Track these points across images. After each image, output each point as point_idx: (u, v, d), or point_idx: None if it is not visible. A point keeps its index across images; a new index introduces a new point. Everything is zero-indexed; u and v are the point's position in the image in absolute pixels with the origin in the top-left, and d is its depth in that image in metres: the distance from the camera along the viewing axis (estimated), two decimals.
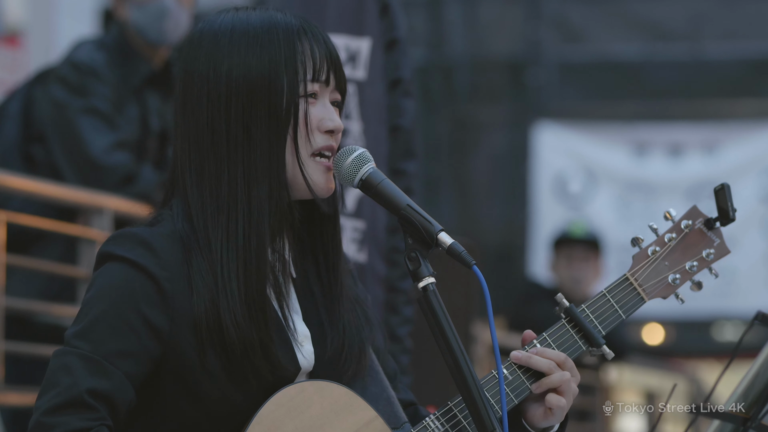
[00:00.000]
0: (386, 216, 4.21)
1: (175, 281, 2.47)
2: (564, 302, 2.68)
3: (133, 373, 2.43)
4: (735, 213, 2.79)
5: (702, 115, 12.85)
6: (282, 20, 2.58)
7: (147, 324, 2.45)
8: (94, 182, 5.35)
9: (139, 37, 5.58)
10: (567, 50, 13.38)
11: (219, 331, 2.45)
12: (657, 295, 2.76)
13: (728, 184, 2.80)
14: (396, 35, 4.30)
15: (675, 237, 2.80)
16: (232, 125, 2.52)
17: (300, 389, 2.49)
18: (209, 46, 2.56)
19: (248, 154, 2.51)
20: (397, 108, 4.29)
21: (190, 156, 2.55)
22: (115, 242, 2.51)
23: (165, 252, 2.48)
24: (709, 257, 2.81)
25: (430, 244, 2.46)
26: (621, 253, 11.51)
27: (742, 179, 12.25)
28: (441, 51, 13.24)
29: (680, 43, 13.08)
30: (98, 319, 2.44)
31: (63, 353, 2.45)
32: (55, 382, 2.41)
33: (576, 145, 12.77)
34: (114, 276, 2.48)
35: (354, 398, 2.54)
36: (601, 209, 12.53)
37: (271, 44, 2.54)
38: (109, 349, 2.42)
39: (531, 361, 2.60)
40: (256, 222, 2.50)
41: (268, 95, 2.52)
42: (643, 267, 2.77)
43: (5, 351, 4.98)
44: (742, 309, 11.68)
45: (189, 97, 2.56)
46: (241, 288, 2.47)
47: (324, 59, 2.57)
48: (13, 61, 8.64)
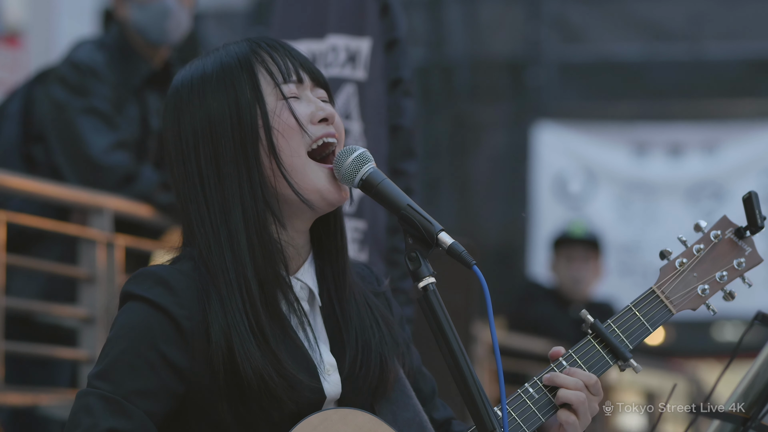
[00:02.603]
0: (386, 216, 4.21)
1: (194, 319, 2.49)
2: (589, 318, 2.68)
3: (154, 411, 2.46)
4: (764, 221, 2.76)
5: (702, 115, 12.84)
6: (234, 50, 2.61)
7: (166, 361, 2.47)
8: (94, 182, 5.35)
9: (140, 36, 5.58)
10: (567, 50, 13.37)
11: (233, 365, 2.47)
12: (685, 307, 2.75)
13: (755, 192, 2.76)
14: (396, 35, 4.30)
15: (704, 248, 2.78)
16: (203, 170, 2.57)
17: (324, 417, 2.49)
18: (174, 105, 2.62)
19: (222, 189, 2.55)
20: (397, 108, 4.29)
21: (185, 207, 2.60)
22: (135, 282, 2.54)
23: (183, 290, 2.51)
24: (741, 266, 2.80)
25: (431, 244, 2.47)
26: (621, 253, 11.51)
27: (742, 179, 12.25)
28: (441, 51, 13.23)
29: (680, 43, 13.07)
30: (117, 359, 2.47)
31: (84, 394, 2.47)
32: (77, 424, 2.44)
33: (576, 145, 12.76)
34: (133, 316, 2.51)
35: (378, 425, 2.53)
36: (601, 209, 12.52)
37: (227, 75, 2.58)
38: (128, 389, 2.45)
39: (557, 380, 2.62)
40: (239, 252, 2.53)
41: (231, 127, 2.56)
42: (670, 279, 2.76)
43: (5, 351, 4.98)
44: (742, 309, 11.66)
45: (170, 157, 2.63)
46: (247, 321, 2.49)
47: (287, 61, 2.60)
48: (13, 61, 8.64)
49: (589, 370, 2.66)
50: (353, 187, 2.55)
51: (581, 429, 2.63)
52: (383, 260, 4.24)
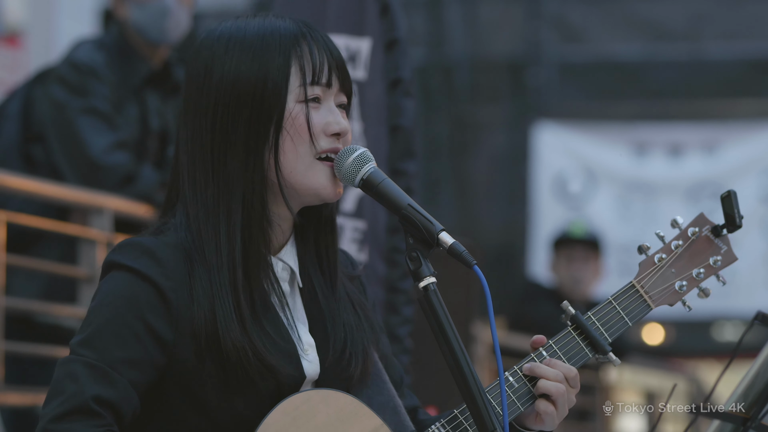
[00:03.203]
0: (386, 216, 4.21)
1: (179, 291, 2.48)
2: (570, 309, 2.69)
3: (137, 381, 2.45)
4: (742, 219, 2.78)
5: (702, 115, 12.84)
6: (280, 27, 2.58)
7: (151, 333, 2.46)
8: (94, 182, 5.35)
9: (140, 36, 5.58)
10: (567, 50, 13.37)
11: (216, 339, 2.47)
12: (664, 302, 2.77)
13: (734, 191, 2.79)
14: (396, 35, 4.30)
15: (682, 244, 2.79)
16: (216, 134, 2.54)
17: (306, 398, 2.49)
18: (206, 56, 2.58)
19: (228, 163, 2.54)
20: (397, 108, 4.29)
21: (187, 164, 2.57)
22: (121, 252, 2.52)
23: (170, 262, 2.49)
24: (717, 264, 2.81)
25: (431, 243, 2.46)
26: (621, 253, 11.51)
27: (742, 179, 12.25)
28: (441, 51, 13.24)
29: (680, 43, 13.08)
30: (103, 327, 2.46)
31: (68, 361, 2.45)
32: (60, 390, 2.42)
33: (576, 145, 12.76)
34: (119, 285, 2.49)
35: (359, 406, 2.54)
36: (601, 209, 12.52)
37: (264, 52, 2.54)
38: (114, 357, 2.43)
39: (538, 371, 2.62)
40: (233, 231, 2.52)
41: (252, 102, 2.53)
42: (649, 274, 2.77)
43: (5, 351, 4.98)
44: (742, 309, 11.68)
45: (188, 106, 2.59)
46: (232, 296, 2.49)
47: (324, 62, 2.57)
48: (13, 61, 8.64)
49: (568, 362, 2.66)
50: (354, 186, 2.55)
51: (558, 420, 2.64)
52: (383, 260, 4.24)
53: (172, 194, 2.63)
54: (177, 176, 2.61)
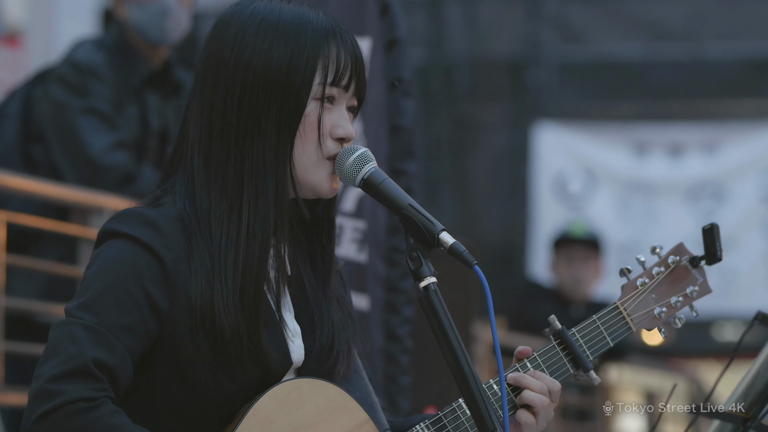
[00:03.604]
0: (386, 216, 4.21)
1: (179, 263, 2.47)
2: (556, 324, 2.73)
3: (133, 349, 2.42)
4: (722, 253, 2.81)
5: (702, 115, 12.84)
6: (313, 19, 2.57)
7: (150, 302, 2.44)
8: (94, 182, 5.35)
9: (140, 36, 5.58)
10: (567, 50, 13.37)
11: (211, 316, 2.45)
12: (643, 326, 2.83)
13: (717, 224, 2.84)
14: (396, 35, 4.30)
15: (663, 271, 2.85)
16: (243, 115, 2.52)
17: (296, 386, 2.51)
18: (236, 32, 2.55)
19: (256, 147, 2.52)
20: (397, 108, 4.29)
21: (200, 137, 2.55)
22: (120, 220, 2.50)
23: (170, 233, 2.48)
24: (693, 294, 2.86)
25: (432, 243, 2.46)
26: (621, 253, 11.51)
27: (742, 179, 12.25)
28: (441, 51, 13.23)
29: (680, 43, 13.07)
30: (103, 292, 2.43)
31: (66, 324, 2.41)
32: (58, 351, 2.38)
33: (576, 145, 12.76)
34: (119, 252, 2.47)
35: (348, 400, 2.55)
36: (601, 209, 12.52)
37: (297, 41, 2.53)
38: (113, 322, 2.41)
39: (524, 381, 2.63)
40: (262, 217, 2.51)
41: (283, 91, 2.52)
42: (632, 297, 2.82)
43: (5, 351, 4.98)
44: (742, 309, 11.68)
45: (207, 78, 2.56)
46: (237, 277, 2.48)
47: (348, 65, 2.57)
48: (13, 61, 8.64)
49: (550, 375, 2.69)
50: (354, 186, 2.55)
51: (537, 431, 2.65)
52: (383, 260, 4.24)
53: (174, 160, 2.60)
54: (183, 143, 2.58)
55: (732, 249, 11.65)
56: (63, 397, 2.34)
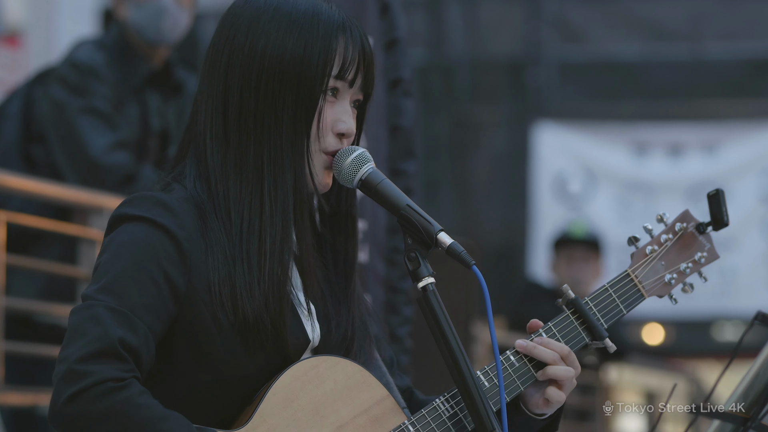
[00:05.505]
0: (387, 216, 4.21)
1: (193, 242, 2.46)
2: (570, 293, 2.72)
3: (155, 330, 2.41)
4: (728, 218, 2.81)
5: (702, 115, 12.85)
6: (325, 11, 2.56)
7: (168, 281, 2.43)
8: (94, 182, 5.35)
9: (138, 36, 5.58)
10: (567, 50, 13.38)
11: (233, 300, 2.45)
12: (655, 293, 2.81)
13: (722, 190, 2.83)
14: (396, 35, 4.30)
15: (671, 238, 2.83)
16: (260, 103, 2.52)
17: (315, 364, 2.50)
18: (250, 19, 2.55)
19: (275, 137, 2.51)
20: (397, 108, 4.29)
21: (214, 120, 2.54)
22: (132, 204, 2.49)
23: (183, 213, 2.47)
24: (701, 260, 2.85)
25: (430, 244, 2.46)
26: (621, 253, 11.49)
27: (742, 179, 12.26)
28: (441, 51, 13.25)
29: (680, 43, 13.09)
30: (121, 274, 2.41)
31: (88, 306, 2.39)
32: (83, 332, 2.36)
33: (576, 145, 12.77)
34: (134, 235, 2.45)
35: (367, 376, 2.55)
36: (601, 209, 12.53)
37: (310, 32, 2.53)
38: (135, 303, 2.39)
39: (535, 351, 2.61)
40: (282, 208, 2.50)
41: (297, 83, 2.52)
42: (642, 264, 2.80)
43: (5, 351, 4.98)
44: (742, 309, 11.68)
45: (220, 62, 2.55)
46: (264, 266, 2.47)
47: (355, 60, 2.56)
48: (13, 61, 8.64)
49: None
50: (352, 187, 2.55)
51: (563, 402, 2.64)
52: (383, 260, 4.24)
53: (184, 144, 2.59)
54: (194, 125, 2.57)
55: (732, 249, 11.67)
56: (92, 377, 2.32)
